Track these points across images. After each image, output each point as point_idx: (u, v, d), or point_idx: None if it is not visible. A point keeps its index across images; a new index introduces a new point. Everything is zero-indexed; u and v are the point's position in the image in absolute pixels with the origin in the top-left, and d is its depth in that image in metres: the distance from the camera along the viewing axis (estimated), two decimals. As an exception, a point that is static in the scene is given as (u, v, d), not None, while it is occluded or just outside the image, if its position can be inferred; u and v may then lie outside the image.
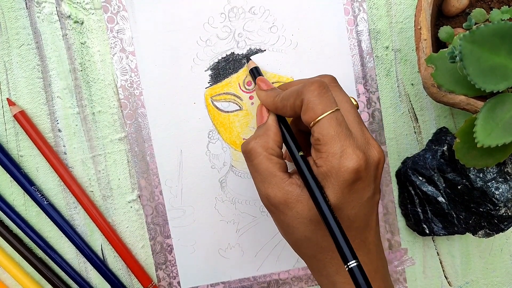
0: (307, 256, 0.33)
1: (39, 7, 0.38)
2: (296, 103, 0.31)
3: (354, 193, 0.29)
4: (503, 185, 0.36)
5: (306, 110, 0.30)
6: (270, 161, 0.31)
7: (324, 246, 0.31)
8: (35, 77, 0.39)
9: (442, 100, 0.33)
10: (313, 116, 0.29)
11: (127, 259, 0.40)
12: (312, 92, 0.30)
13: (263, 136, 0.32)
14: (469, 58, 0.28)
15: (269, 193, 0.31)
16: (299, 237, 0.31)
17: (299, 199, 0.30)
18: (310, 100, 0.30)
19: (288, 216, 0.31)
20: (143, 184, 0.40)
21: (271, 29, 0.39)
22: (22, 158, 0.40)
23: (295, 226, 0.31)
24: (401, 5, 0.40)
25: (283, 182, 0.31)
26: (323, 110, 0.29)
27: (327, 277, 0.32)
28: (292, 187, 0.30)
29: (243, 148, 0.33)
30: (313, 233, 0.31)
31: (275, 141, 0.32)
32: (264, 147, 0.32)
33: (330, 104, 0.30)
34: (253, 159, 0.32)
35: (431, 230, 0.40)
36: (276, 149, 0.32)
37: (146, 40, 0.39)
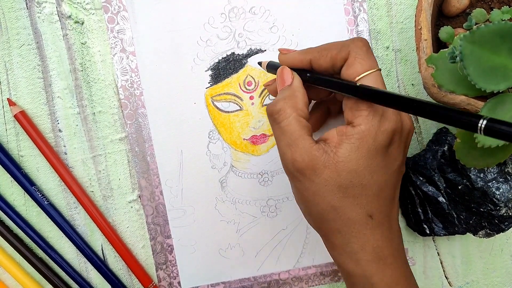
0: (331, 231, 0.31)
1: (40, 7, 0.39)
2: (340, 54, 0.30)
3: (388, 157, 0.29)
4: (504, 185, 0.36)
5: (353, 64, 0.30)
6: (299, 122, 0.30)
7: (351, 217, 0.29)
8: (35, 77, 0.39)
9: (443, 100, 0.33)
10: (360, 71, 0.29)
11: (127, 259, 0.40)
12: (361, 47, 0.30)
13: (292, 97, 0.31)
14: (470, 58, 0.28)
15: (296, 157, 0.29)
16: (325, 207, 0.30)
17: (326, 164, 0.29)
18: (359, 53, 0.29)
19: (315, 183, 0.29)
20: (144, 184, 0.40)
21: (271, 29, 0.39)
22: (23, 158, 0.40)
23: (322, 194, 0.29)
24: (401, 5, 0.40)
25: (311, 146, 0.29)
26: (371, 66, 0.29)
27: (350, 255, 0.30)
28: (319, 152, 0.29)
29: (270, 109, 0.31)
30: (340, 201, 0.29)
31: (304, 102, 0.31)
32: (294, 107, 0.30)
33: (375, 62, 0.30)
34: (282, 119, 0.30)
35: (431, 230, 0.40)
36: (305, 111, 0.31)
37: (147, 40, 0.39)
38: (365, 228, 0.30)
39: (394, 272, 0.30)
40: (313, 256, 0.41)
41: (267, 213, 0.41)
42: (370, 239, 0.30)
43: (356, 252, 0.30)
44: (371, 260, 0.30)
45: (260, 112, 0.40)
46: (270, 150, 0.40)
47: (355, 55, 0.30)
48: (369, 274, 0.30)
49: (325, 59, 0.31)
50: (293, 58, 0.33)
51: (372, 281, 0.30)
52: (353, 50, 0.30)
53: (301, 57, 0.33)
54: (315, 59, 0.32)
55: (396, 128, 0.29)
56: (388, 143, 0.29)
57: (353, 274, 0.31)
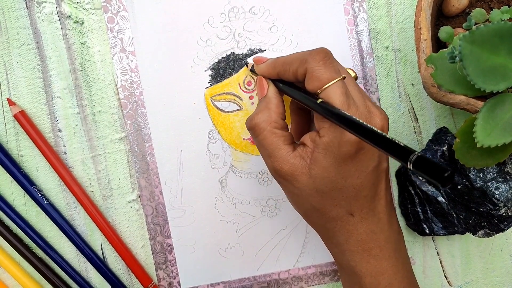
0: (318, 226, 0.33)
1: (39, 7, 0.39)
2: (299, 70, 0.31)
3: (358, 162, 0.30)
4: (503, 185, 0.36)
5: (311, 78, 0.30)
6: (274, 135, 0.32)
7: (332, 216, 0.31)
8: (35, 77, 0.39)
9: (442, 100, 0.33)
10: (319, 85, 0.29)
11: (127, 259, 0.40)
12: (317, 60, 0.30)
13: (265, 110, 0.33)
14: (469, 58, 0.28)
15: (275, 166, 0.31)
16: (308, 207, 0.32)
17: (303, 171, 0.30)
18: (315, 68, 0.30)
19: (296, 187, 0.31)
20: (143, 184, 0.40)
21: (271, 29, 0.39)
22: (22, 158, 0.40)
23: (303, 197, 0.31)
24: (401, 5, 0.40)
25: (288, 155, 0.31)
26: (329, 78, 0.29)
27: (337, 246, 0.33)
28: (296, 160, 0.31)
29: (247, 124, 0.33)
30: (320, 203, 0.31)
31: (277, 113, 0.32)
32: (267, 121, 0.32)
33: (335, 72, 0.30)
34: (258, 134, 0.32)
35: (431, 230, 0.40)
36: (279, 121, 0.32)
37: (146, 40, 0.39)
38: (347, 224, 0.31)
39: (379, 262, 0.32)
40: (313, 255, 0.42)
41: (266, 212, 0.41)
42: (353, 233, 0.31)
43: (342, 244, 0.32)
44: (355, 251, 0.32)
45: (259, 112, 0.40)
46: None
47: (312, 70, 0.30)
48: (354, 264, 0.32)
49: (288, 74, 0.32)
50: (263, 71, 0.35)
51: (356, 270, 0.32)
52: (309, 65, 0.30)
53: (269, 70, 0.34)
54: (280, 73, 0.33)
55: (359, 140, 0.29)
56: (355, 151, 0.29)
57: (340, 263, 0.33)
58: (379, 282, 0.31)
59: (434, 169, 0.20)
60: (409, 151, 0.22)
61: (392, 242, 0.32)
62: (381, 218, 0.32)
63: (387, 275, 0.32)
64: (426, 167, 0.21)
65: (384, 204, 0.32)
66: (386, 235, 0.32)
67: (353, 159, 0.29)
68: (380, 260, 0.32)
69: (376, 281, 0.31)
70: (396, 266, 0.32)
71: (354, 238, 0.31)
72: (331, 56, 0.31)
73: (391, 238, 0.32)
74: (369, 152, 0.30)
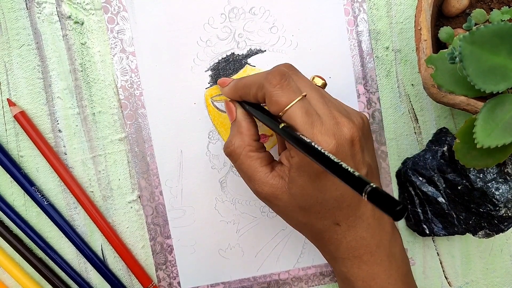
0: (309, 237, 0.34)
1: (40, 7, 0.39)
2: (258, 94, 0.31)
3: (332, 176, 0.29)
4: (503, 186, 0.36)
5: (271, 103, 0.30)
6: (250, 158, 0.32)
7: (320, 228, 0.32)
8: (35, 77, 0.39)
9: (442, 101, 0.33)
10: (279, 108, 0.29)
11: (127, 259, 0.40)
12: (274, 85, 0.29)
13: (237, 135, 0.33)
14: (469, 59, 0.28)
15: (256, 189, 0.32)
16: (296, 223, 0.33)
17: (283, 190, 0.31)
18: (273, 92, 0.29)
19: (280, 206, 0.32)
20: (143, 184, 0.40)
21: (271, 30, 0.39)
22: (23, 159, 0.40)
23: (289, 214, 0.32)
24: (401, 6, 0.40)
25: (266, 176, 0.31)
26: (287, 101, 0.29)
27: (329, 254, 0.33)
28: (275, 180, 0.31)
29: (225, 152, 0.34)
30: (305, 218, 0.31)
31: (249, 136, 0.33)
32: (241, 146, 0.32)
33: (294, 93, 0.29)
34: (235, 160, 0.33)
35: (431, 231, 0.40)
36: (253, 144, 0.32)
37: (146, 41, 0.39)
38: (335, 233, 0.32)
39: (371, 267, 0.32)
40: (313, 256, 0.42)
41: (266, 213, 0.41)
42: (342, 241, 0.32)
43: (333, 252, 0.33)
44: (346, 258, 0.32)
45: (260, 112, 0.40)
46: (270, 150, 0.40)
47: (270, 95, 0.30)
48: (345, 270, 0.32)
49: (249, 97, 0.32)
50: (227, 94, 0.35)
51: (348, 276, 0.32)
52: (267, 90, 0.30)
53: (232, 93, 0.34)
54: (242, 96, 0.33)
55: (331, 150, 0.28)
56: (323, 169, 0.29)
57: (334, 268, 0.34)
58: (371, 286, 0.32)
59: (387, 202, 0.20)
60: (364, 182, 0.22)
61: (384, 246, 0.32)
62: (370, 223, 0.32)
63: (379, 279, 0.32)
64: (380, 200, 0.21)
65: (371, 209, 0.31)
66: (377, 239, 0.32)
67: (327, 174, 0.29)
68: (371, 265, 0.32)
69: (368, 286, 0.32)
70: (389, 271, 0.32)
71: (343, 246, 0.32)
72: (287, 76, 0.30)
73: (383, 242, 0.32)
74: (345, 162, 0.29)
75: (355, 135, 0.30)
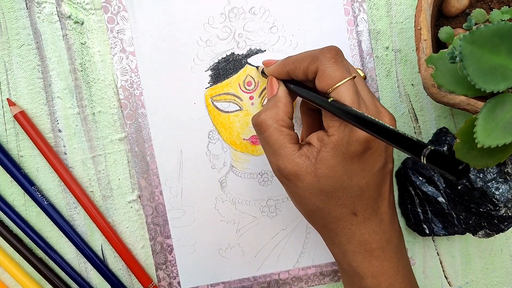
0: (320, 226, 0.33)
1: (40, 7, 0.38)
2: (310, 67, 0.31)
3: (365, 162, 0.30)
4: (503, 186, 0.36)
5: (323, 77, 0.30)
6: (280, 132, 0.31)
7: (336, 216, 0.31)
8: (35, 77, 0.39)
9: (442, 101, 0.33)
10: (331, 83, 0.29)
11: (127, 259, 0.40)
12: (329, 58, 0.30)
13: (273, 108, 0.32)
14: (469, 59, 0.28)
15: (279, 165, 0.31)
16: (311, 208, 0.32)
17: (308, 170, 0.30)
18: (327, 66, 0.30)
19: (299, 187, 0.31)
20: (143, 184, 0.40)
21: (271, 30, 0.39)
22: (22, 158, 0.40)
23: (307, 197, 0.31)
24: (401, 6, 0.40)
25: (293, 154, 0.31)
26: (341, 77, 0.29)
27: (339, 246, 0.32)
28: (301, 159, 0.30)
29: (254, 121, 0.33)
30: (324, 203, 0.31)
31: (285, 112, 0.32)
32: (275, 119, 0.32)
33: (347, 71, 0.30)
34: (264, 131, 0.32)
35: (431, 230, 0.40)
36: (287, 120, 0.32)
37: (146, 40, 0.39)
38: (350, 224, 0.31)
39: (381, 263, 0.32)
40: (313, 256, 0.42)
41: (266, 213, 0.41)
42: (356, 233, 0.31)
43: (344, 244, 0.32)
44: (357, 252, 0.32)
45: (260, 112, 0.40)
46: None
47: (324, 68, 0.30)
48: (355, 264, 0.32)
49: (299, 72, 0.32)
50: (273, 71, 0.35)
51: (358, 270, 0.32)
52: (321, 62, 0.30)
53: (279, 69, 0.34)
54: (291, 71, 0.33)
55: (369, 137, 0.29)
56: (363, 150, 0.29)
57: (342, 262, 0.33)
58: (381, 283, 0.31)
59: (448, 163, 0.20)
60: (422, 145, 0.22)
61: (393, 243, 0.32)
62: (383, 219, 0.32)
63: (388, 276, 0.32)
64: (440, 161, 0.20)
65: (387, 205, 0.32)
66: (388, 236, 0.32)
67: (360, 159, 0.29)
68: (382, 261, 0.32)
69: (377, 282, 0.31)
70: (397, 267, 0.32)
71: (356, 239, 0.31)
72: (342, 55, 0.31)
73: (393, 239, 0.32)
74: (376, 152, 0.30)
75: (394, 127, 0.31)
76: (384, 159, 0.31)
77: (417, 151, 0.22)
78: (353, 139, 0.29)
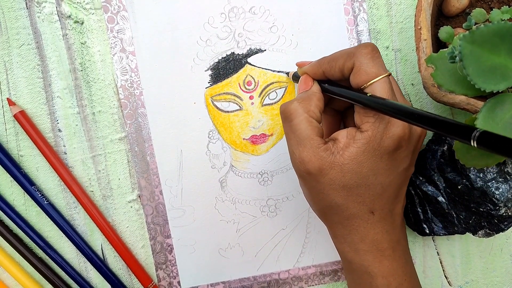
0: (334, 223, 0.33)
1: (39, 7, 0.38)
2: (346, 64, 0.31)
3: (393, 161, 0.30)
4: (503, 185, 0.36)
5: (359, 72, 0.30)
6: (310, 123, 0.31)
7: (353, 213, 0.31)
8: (35, 77, 0.39)
9: (442, 100, 0.33)
10: (367, 79, 0.30)
11: (127, 259, 0.40)
12: (365, 54, 0.30)
13: (306, 100, 0.32)
14: (469, 58, 0.28)
15: (303, 157, 0.31)
16: (329, 204, 0.31)
17: (332, 165, 0.30)
18: (363, 62, 0.30)
19: (320, 182, 0.31)
20: (143, 184, 0.40)
21: (271, 29, 0.39)
22: (22, 158, 0.40)
23: (327, 192, 0.31)
24: (401, 5, 0.40)
25: (319, 147, 0.30)
26: (377, 73, 0.30)
27: (350, 244, 0.32)
28: (326, 153, 0.30)
29: (283, 107, 0.32)
30: (344, 198, 0.31)
31: (317, 106, 0.32)
32: (306, 109, 0.31)
33: (383, 68, 0.30)
34: (293, 118, 0.31)
35: (431, 230, 0.40)
36: (318, 114, 0.32)
37: (146, 40, 0.39)
38: (366, 222, 0.31)
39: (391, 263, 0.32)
40: (313, 255, 0.42)
41: (266, 213, 0.41)
42: (370, 232, 0.31)
43: (356, 243, 0.32)
44: (369, 251, 0.32)
45: (259, 112, 0.40)
46: (270, 150, 0.40)
47: (360, 64, 0.30)
48: (367, 263, 0.32)
49: (334, 70, 0.32)
50: (308, 70, 0.34)
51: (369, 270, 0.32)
52: (357, 58, 0.30)
53: (314, 69, 0.34)
54: (326, 70, 0.33)
55: (403, 135, 0.30)
56: (394, 148, 0.30)
57: (352, 261, 0.33)
58: (390, 282, 0.32)
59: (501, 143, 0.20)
60: (471, 128, 0.21)
61: (402, 243, 0.33)
62: (396, 220, 0.32)
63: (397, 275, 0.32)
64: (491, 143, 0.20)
65: (400, 207, 0.33)
66: (398, 236, 0.32)
67: (390, 157, 0.30)
68: (392, 261, 0.32)
69: (387, 281, 0.32)
70: (405, 267, 0.32)
71: (370, 238, 0.31)
72: (378, 52, 0.31)
73: (402, 240, 0.33)
74: (404, 152, 0.30)
75: (424, 133, 0.32)
76: (410, 160, 0.31)
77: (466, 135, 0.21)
78: (387, 135, 0.29)
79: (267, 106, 0.40)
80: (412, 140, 0.31)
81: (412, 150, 0.31)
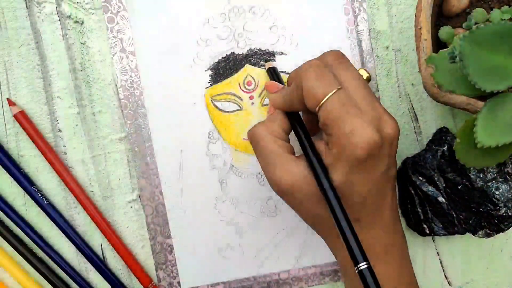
0: (324, 233, 0.33)
1: (39, 7, 0.38)
2: (299, 93, 0.30)
3: (366, 169, 0.29)
4: (503, 185, 0.36)
5: (307, 97, 0.29)
6: (275, 142, 0.31)
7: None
8: (35, 77, 0.39)
9: (443, 100, 0.33)
10: (316, 102, 0.29)
11: (127, 259, 0.40)
12: (309, 77, 0.29)
13: (269, 122, 0.32)
14: (469, 58, 0.28)
15: (275, 176, 0.30)
16: (311, 216, 0.32)
17: (305, 180, 0.30)
18: (309, 85, 0.29)
19: (297, 198, 0.31)
20: (143, 184, 0.40)
21: (271, 29, 0.39)
22: (22, 158, 0.40)
23: (305, 206, 0.31)
24: (401, 5, 0.40)
25: (288, 162, 0.30)
26: (324, 93, 0.29)
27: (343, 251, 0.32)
28: (298, 168, 0.30)
29: (249, 133, 0.33)
30: (324, 210, 0.30)
31: (281, 126, 0.32)
32: (269, 131, 0.32)
33: (330, 85, 0.29)
34: (259, 141, 0.31)
35: (431, 230, 0.40)
36: (282, 133, 0.32)
37: (146, 40, 0.39)
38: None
39: (385, 267, 0.31)
40: (313, 256, 0.41)
41: (266, 213, 0.41)
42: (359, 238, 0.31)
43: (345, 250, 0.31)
44: None
45: (260, 112, 0.40)
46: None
47: (307, 88, 0.29)
48: None
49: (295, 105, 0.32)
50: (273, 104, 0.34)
51: None
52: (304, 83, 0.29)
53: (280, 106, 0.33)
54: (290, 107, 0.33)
55: (371, 143, 0.28)
56: (364, 157, 0.28)
57: (345, 267, 0.33)
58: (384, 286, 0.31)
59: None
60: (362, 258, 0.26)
61: (397, 247, 0.32)
62: (386, 222, 0.32)
63: (392, 279, 0.31)
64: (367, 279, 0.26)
65: (389, 209, 0.32)
66: (392, 240, 0.32)
67: (362, 167, 0.29)
68: (386, 264, 0.31)
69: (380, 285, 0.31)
70: (401, 271, 0.32)
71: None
72: (323, 67, 0.30)
73: (396, 243, 0.32)
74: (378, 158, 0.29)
75: (396, 135, 0.30)
76: (386, 165, 0.30)
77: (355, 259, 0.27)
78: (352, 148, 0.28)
79: (267, 106, 0.40)
80: (384, 146, 0.29)
81: (387, 155, 0.30)
